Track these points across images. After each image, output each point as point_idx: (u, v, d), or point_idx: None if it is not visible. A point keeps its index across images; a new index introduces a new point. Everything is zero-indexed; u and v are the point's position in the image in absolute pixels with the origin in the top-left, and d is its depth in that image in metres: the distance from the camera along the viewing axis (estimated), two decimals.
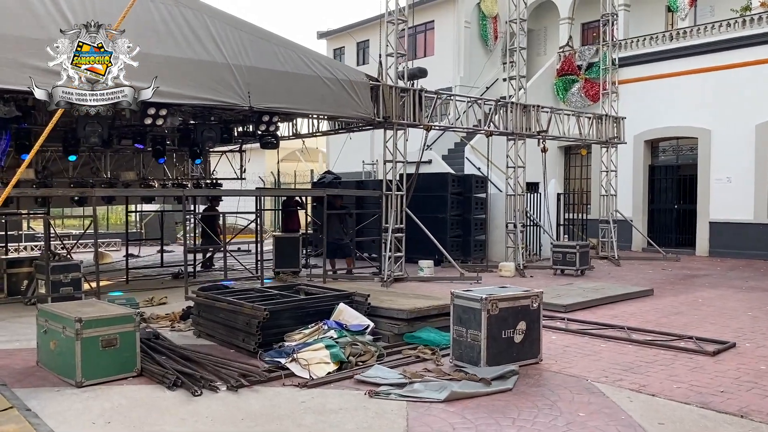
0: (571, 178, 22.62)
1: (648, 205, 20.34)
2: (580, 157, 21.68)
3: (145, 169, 16.50)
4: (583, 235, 18.39)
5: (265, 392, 5.59)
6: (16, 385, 5.82)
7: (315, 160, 30.49)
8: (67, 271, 10.02)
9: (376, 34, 25.67)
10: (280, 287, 8.74)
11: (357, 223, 16.04)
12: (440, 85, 19.80)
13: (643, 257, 17.90)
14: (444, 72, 23.09)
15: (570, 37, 22.45)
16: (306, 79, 11.36)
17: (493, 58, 24.39)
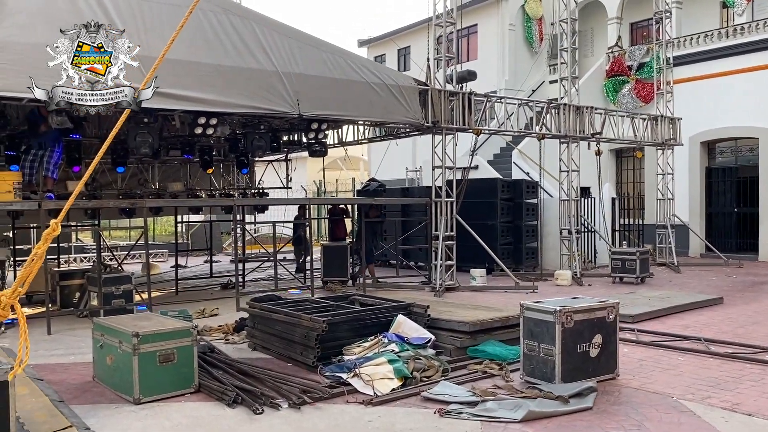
0: (623, 182, 21.90)
1: (705, 209, 19.52)
2: (632, 160, 20.99)
3: (192, 179, 16.54)
4: (639, 241, 17.72)
5: (328, 410, 5.31)
6: (74, 401, 5.67)
7: (356, 168, 30.36)
8: (118, 283, 9.97)
9: (418, 40, 25.61)
10: (334, 298, 8.49)
11: (403, 231, 15.76)
12: (484, 89, 19.35)
13: (702, 263, 17.13)
14: (488, 76, 22.67)
15: (619, 37, 21.81)
16: (355, 86, 11.15)
17: (539, 60, 23.87)
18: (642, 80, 20.56)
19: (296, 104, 10.41)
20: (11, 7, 8.13)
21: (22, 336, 3.05)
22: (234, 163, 16.27)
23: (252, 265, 15.89)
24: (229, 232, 25.44)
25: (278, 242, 14.81)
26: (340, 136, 15.61)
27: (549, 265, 15.09)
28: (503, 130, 13.99)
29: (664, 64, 17.28)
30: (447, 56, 12.71)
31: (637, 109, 19.46)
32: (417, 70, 16.52)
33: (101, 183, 14.61)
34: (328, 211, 15.48)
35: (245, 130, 12.29)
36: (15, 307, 3.01)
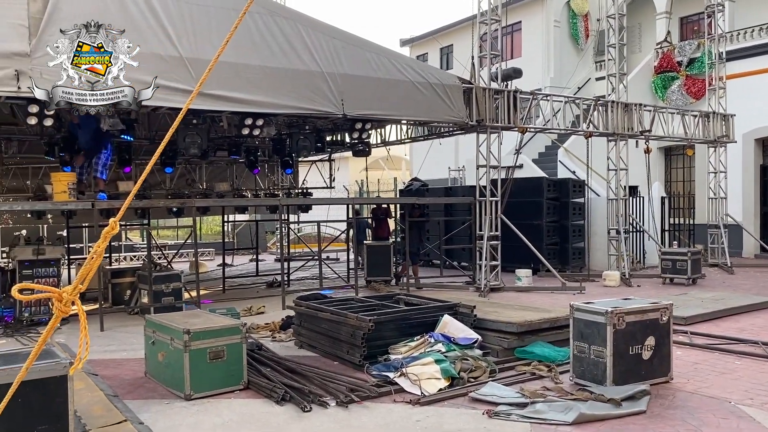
0: (672, 181, 21.33)
1: (760, 208, 18.85)
2: (682, 158, 20.42)
3: (238, 179, 16.81)
4: (690, 241, 17.23)
5: (376, 409, 5.31)
6: (127, 396, 5.81)
7: (398, 168, 30.34)
8: (168, 281, 10.19)
9: (461, 38, 25.44)
10: (378, 297, 8.49)
11: (446, 231, 15.67)
12: (529, 87, 19.08)
13: (757, 264, 16.55)
14: (532, 74, 22.33)
15: (668, 33, 21.25)
16: (399, 85, 11.14)
17: (585, 57, 23.44)
18: (692, 76, 19.99)
19: (341, 104, 10.46)
20: (66, 12, 8.35)
21: (82, 332, 3.11)
22: (278, 164, 16.49)
23: (296, 263, 16.04)
24: (273, 231, 25.77)
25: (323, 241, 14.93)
26: (383, 135, 15.62)
27: (596, 266, 14.80)
28: (549, 128, 13.78)
29: (716, 59, 16.75)
30: (491, 54, 12.58)
31: (687, 106, 18.92)
32: (460, 69, 16.42)
33: (150, 183, 14.98)
34: (371, 211, 15.51)
35: (290, 131, 12.40)
36: (76, 303, 3.08)
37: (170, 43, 8.96)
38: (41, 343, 3.16)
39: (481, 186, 12.52)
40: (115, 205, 10.65)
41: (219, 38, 9.35)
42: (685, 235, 17.59)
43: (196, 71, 9.13)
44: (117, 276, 11.47)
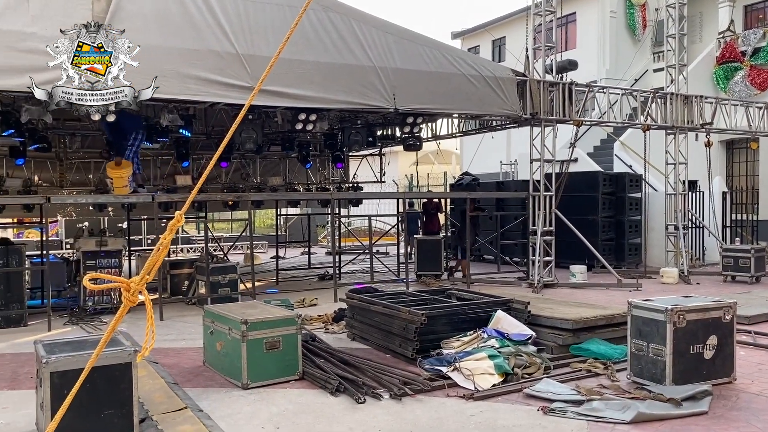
0: (734, 175, 20.56)
1: None
2: (745, 151, 19.66)
3: (290, 173, 17.04)
4: (753, 237, 16.58)
5: (429, 402, 5.32)
6: (187, 384, 5.97)
7: (448, 162, 30.20)
8: (224, 272, 10.43)
9: (514, 30, 25.11)
10: (430, 291, 8.49)
11: (498, 226, 15.52)
12: (583, 79, 18.73)
13: None
14: (587, 65, 21.90)
15: (731, 21, 20.44)
16: (451, 78, 11.08)
17: (642, 48, 22.79)
18: (757, 66, 19.21)
19: (392, 99, 10.48)
20: (128, 11, 8.62)
21: (149, 321, 3.23)
22: (329, 158, 16.64)
23: (347, 257, 16.17)
24: (323, 225, 26.04)
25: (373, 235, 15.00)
26: (434, 129, 15.56)
27: (653, 263, 14.41)
28: (605, 121, 13.49)
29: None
30: (546, 46, 12.37)
31: (751, 98, 18.18)
32: (512, 61, 16.18)
33: (207, 177, 15.29)
34: (421, 205, 15.49)
35: (342, 125, 12.49)
36: (143, 293, 3.19)
37: (227, 41, 9.14)
38: (110, 331, 3.29)
39: (534, 180, 12.35)
40: (174, 198, 10.96)
41: (274, 35, 9.51)
42: (748, 232, 16.94)
43: (252, 67, 9.30)
44: (175, 267, 11.81)
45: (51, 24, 8.16)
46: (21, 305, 9.14)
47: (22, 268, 9.22)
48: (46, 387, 4.21)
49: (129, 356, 4.45)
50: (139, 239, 19.64)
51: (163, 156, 15.32)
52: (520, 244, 14.58)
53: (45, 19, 8.14)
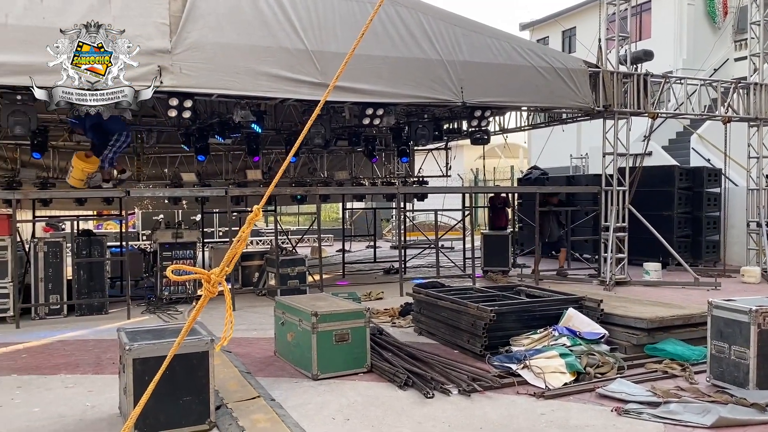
0: None
1: None
2: None
3: (356, 168, 17.17)
4: None
5: (499, 400, 5.27)
6: (259, 373, 6.13)
7: (515, 155, 29.72)
8: (294, 264, 10.64)
9: (585, 20, 24.41)
10: (498, 288, 8.40)
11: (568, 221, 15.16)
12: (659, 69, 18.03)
13: None
14: (663, 55, 21.01)
15: None
16: (520, 71, 10.89)
17: (722, 36, 21.74)
18: None
19: (460, 92, 10.39)
20: (203, 9, 8.87)
21: (228, 311, 3.33)
22: (394, 152, 16.68)
23: (412, 251, 16.18)
24: (388, 219, 26.15)
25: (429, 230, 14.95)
26: (502, 123, 15.34)
27: (733, 261, 13.78)
28: (682, 113, 12.95)
29: None
30: (620, 36, 11.97)
31: None
32: (583, 52, 15.74)
33: (276, 171, 15.62)
34: (488, 200, 15.32)
35: (409, 120, 12.48)
36: (222, 284, 3.29)
37: (297, 37, 9.28)
38: (191, 320, 3.41)
39: (607, 175, 12.00)
40: (245, 192, 11.25)
41: (343, 30, 9.59)
42: None
43: (321, 64, 9.41)
44: (246, 259, 12.11)
45: (131, 24, 8.47)
46: (102, 294, 9.60)
47: (104, 259, 9.67)
48: (129, 373, 4.40)
49: (206, 345, 4.60)
50: (211, 231, 20.25)
51: (234, 151, 15.72)
52: (590, 241, 14.21)
53: (125, 19, 8.46)
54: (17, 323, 8.70)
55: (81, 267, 9.45)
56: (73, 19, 8.20)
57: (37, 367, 6.59)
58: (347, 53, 10.11)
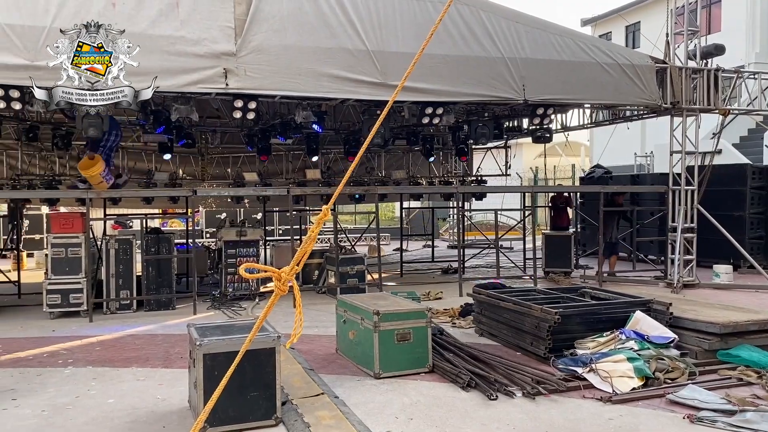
0: None
1: None
2: None
3: (414, 167, 17.15)
4: None
5: (564, 403, 5.17)
6: (321, 370, 6.20)
7: (576, 154, 29.10)
8: (353, 263, 10.72)
9: (650, 14, 23.68)
10: (562, 289, 8.24)
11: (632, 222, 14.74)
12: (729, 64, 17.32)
13: None
14: (734, 49, 20.18)
15: None
16: (584, 67, 10.66)
17: None
18: None
19: (522, 90, 10.25)
20: (266, 12, 9.04)
21: (298, 309, 3.39)
22: (452, 151, 16.58)
23: (470, 251, 16.05)
24: (444, 218, 26.02)
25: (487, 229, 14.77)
26: (564, 121, 15.04)
27: None
28: (755, 109, 12.40)
29: None
30: (689, 30, 11.56)
31: None
32: (648, 48, 15.26)
33: (334, 171, 15.78)
34: (549, 199, 15.05)
35: (469, 118, 12.38)
36: (292, 283, 3.35)
37: (358, 38, 9.34)
38: (263, 317, 3.48)
39: (674, 174, 11.61)
40: (306, 191, 11.41)
41: (404, 30, 9.60)
42: None
43: (381, 64, 9.45)
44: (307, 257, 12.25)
45: (198, 28, 8.73)
46: (170, 290, 9.91)
47: (172, 256, 9.98)
48: (199, 367, 4.53)
49: (273, 342, 4.69)
50: (272, 229, 20.62)
51: (294, 151, 15.95)
52: (656, 241, 13.79)
53: (192, 23, 8.73)
54: (90, 317, 9.08)
55: (150, 264, 9.78)
56: (143, 25, 8.52)
57: (110, 359, 6.86)
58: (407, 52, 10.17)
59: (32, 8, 8.11)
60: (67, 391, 5.70)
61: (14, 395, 5.59)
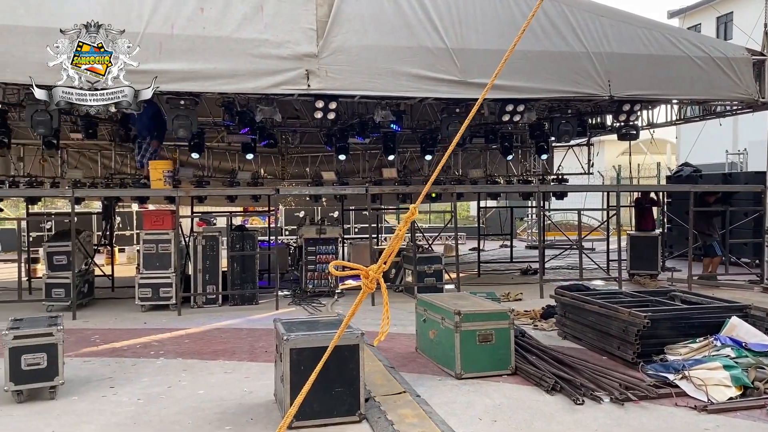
0: None
1: None
2: None
3: (491, 165, 16.93)
4: None
5: (655, 411, 4.96)
6: (402, 369, 6.21)
7: (662, 151, 27.88)
8: (430, 262, 10.71)
9: (744, 4, 22.42)
10: (650, 292, 7.92)
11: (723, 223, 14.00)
12: None
13: None
14: None
15: None
16: (673, 61, 10.21)
17: None
18: None
19: (607, 85, 9.94)
20: (348, 13, 9.14)
21: (385, 306, 3.41)
22: (530, 149, 16.25)
23: (549, 252, 15.68)
24: (521, 218, 25.55)
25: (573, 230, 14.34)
26: (650, 117, 14.46)
27: None
28: None
29: None
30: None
31: None
32: (741, 39, 14.46)
33: (410, 170, 15.79)
34: (634, 199, 14.52)
35: (551, 115, 12.10)
36: (379, 281, 3.37)
37: (438, 36, 9.31)
38: (351, 314, 3.52)
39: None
40: (385, 190, 11.48)
41: (484, 26, 9.49)
42: None
43: (461, 61, 9.38)
44: None
45: (281, 30, 8.94)
46: (253, 285, 10.20)
47: (256, 252, 10.26)
48: (286, 362, 4.63)
49: (357, 338, 4.74)
50: (348, 228, 20.86)
51: (370, 150, 16.08)
52: (750, 244, 13.05)
53: (275, 26, 8.94)
54: (179, 311, 9.47)
55: (235, 260, 10.09)
56: (229, 29, 8.81)
57: (198, 352, 7.13)
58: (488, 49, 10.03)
59: (127, 14, 8.52)
60: (160, 381, 5.96)
61: (112, 383, 5.89)
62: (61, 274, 9.61)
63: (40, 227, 16.97)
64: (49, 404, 5.29)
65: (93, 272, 10.85)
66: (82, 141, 13.09)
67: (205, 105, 12.24)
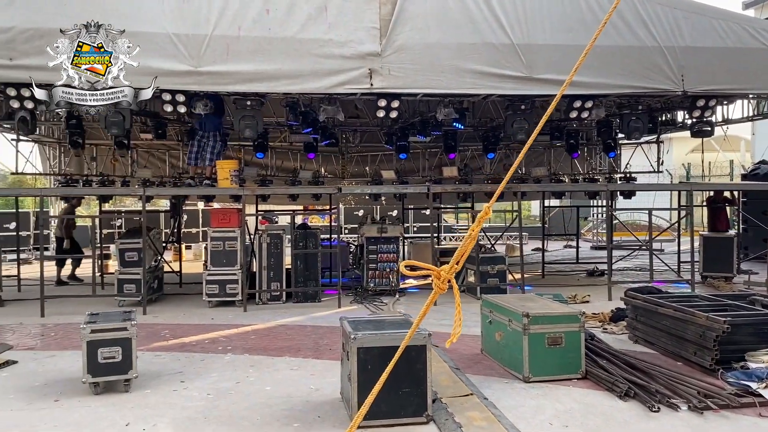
0: None
1: None
2: None
3: (555, 164, 16.56)
4: None
5: (737, 421, 4.72)
6: (468, 370, 6.12)
7: (735, 149, 26.66)
8: (493, 262, 10.54)
9: None
10: (728, 296, 7.55)
11: None
12: None
13: None
14: None
15: None
16: (752, 54, 9.73)
17: None
18: None
19: (680, 80, 9.56)
20: (411, 12, 9.09)
21: (457, 308, 3.34)
22: (597, 147, 15.79)
23: (617, 253, 15.20)
24: (586, 217, 24.91)
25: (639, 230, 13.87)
26: (725, 113, 13.83)
27: None
28: None
29: None
30: None
31: None
32: None
33: (471, 168, 15.61)
34: (706, 199, 13.92)
35: (621, 111, 11.72)
36: (451, 281, 3.30)
37: (503, 32, 9.15)
38: (422, 314, 3.46)
39: None
40: (447, 189, 11.39)
41: (551, 21, 9.28)
42: None
43: (527, 57, 9.20)
44: (445, 255, 12.27)
45: (345, 30, 8.97)
46: (316, 283, 10.29)
47: (319, 250, 10.34)
48: (353, 360, 4.61)
49: (425, 339, 4.69)
50: (407, 227, 20.83)
51: (430, 149, 15.98)
52: None
53: (339, 25, 8.98)
54: (245, 307, 9.64)
55: (298, 257, 10.20)
56: (294, 29, 8.89)
57: (264, 348, 7.23)
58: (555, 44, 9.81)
59: (195, 18, 8.74)
60: (228, 376, 6.07)
61: (182, 378, 6.03)
62: (132, 270, 9.93)
63: (111, 224, 17.63)
64: (123, 396, 5.46)
65: (162, 268, 11.18)
66: (151, 141, 13.53)
67: (269, 105, 12.42)
